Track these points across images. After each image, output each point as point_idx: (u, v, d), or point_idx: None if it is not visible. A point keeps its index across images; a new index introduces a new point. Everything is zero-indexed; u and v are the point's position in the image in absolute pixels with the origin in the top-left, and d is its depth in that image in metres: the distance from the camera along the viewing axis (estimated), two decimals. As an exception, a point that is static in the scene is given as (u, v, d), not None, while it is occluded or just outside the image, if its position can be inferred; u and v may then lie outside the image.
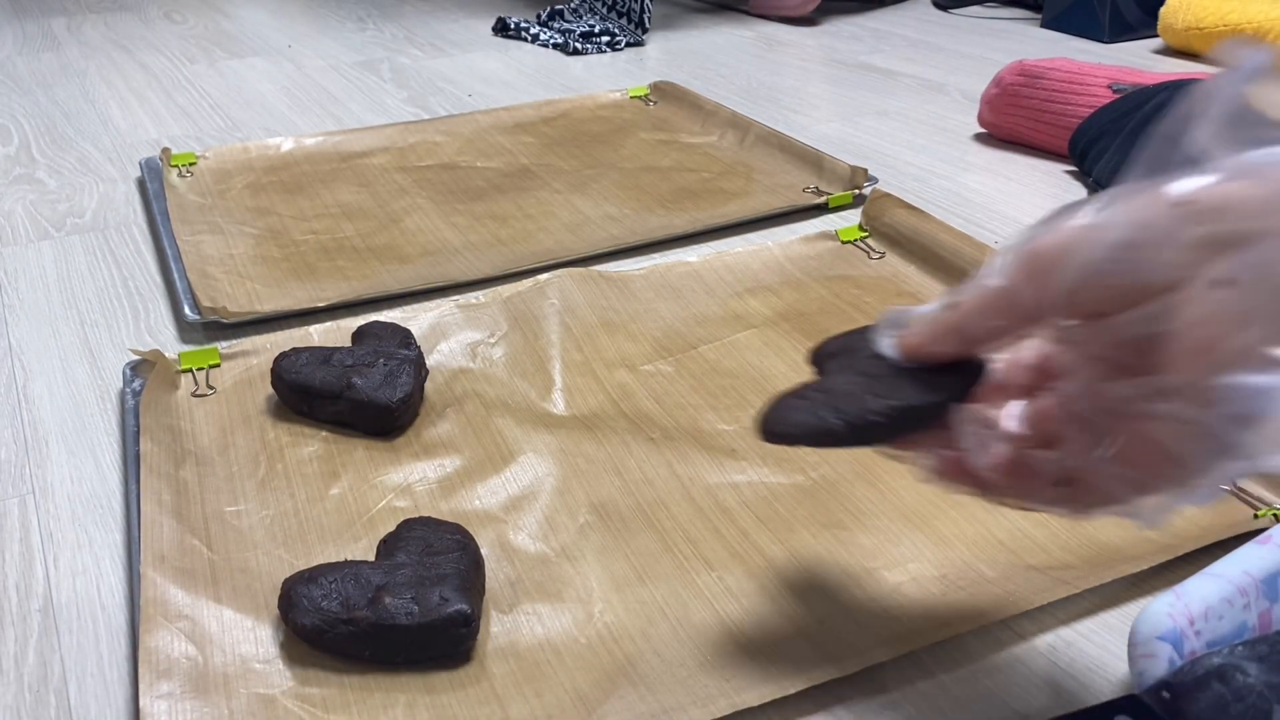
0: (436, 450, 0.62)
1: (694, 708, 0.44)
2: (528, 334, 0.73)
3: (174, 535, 0.54)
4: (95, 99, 1.31)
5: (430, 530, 0.52)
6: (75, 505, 0.60)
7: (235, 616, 0.50)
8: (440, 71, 1.40)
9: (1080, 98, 1.00)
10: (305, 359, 0.65)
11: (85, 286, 0.84)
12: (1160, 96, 0.92)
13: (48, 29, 1.66)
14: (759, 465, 0.60)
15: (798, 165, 1.01)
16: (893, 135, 1.12)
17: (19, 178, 1.06)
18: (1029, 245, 0.38)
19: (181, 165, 1.04)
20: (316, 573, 0.49)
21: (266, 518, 0.57)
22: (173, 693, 0.46)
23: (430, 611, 0.47)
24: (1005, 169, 1.03)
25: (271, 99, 1.30)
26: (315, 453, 0.62)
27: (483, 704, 0.46)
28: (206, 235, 0.90)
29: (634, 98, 1.22)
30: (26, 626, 0.52)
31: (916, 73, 1.34)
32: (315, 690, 0.47)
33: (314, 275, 0.83)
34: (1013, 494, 0.41)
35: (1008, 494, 0.41)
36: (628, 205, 0.95)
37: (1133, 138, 0.91)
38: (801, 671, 0.46)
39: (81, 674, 0.49)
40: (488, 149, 1.09)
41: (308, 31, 1.63)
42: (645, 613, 0.50)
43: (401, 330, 0.69)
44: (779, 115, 1.19)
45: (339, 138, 1.11)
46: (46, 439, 0.65)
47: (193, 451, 0.62)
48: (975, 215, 0.93)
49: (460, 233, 0.90)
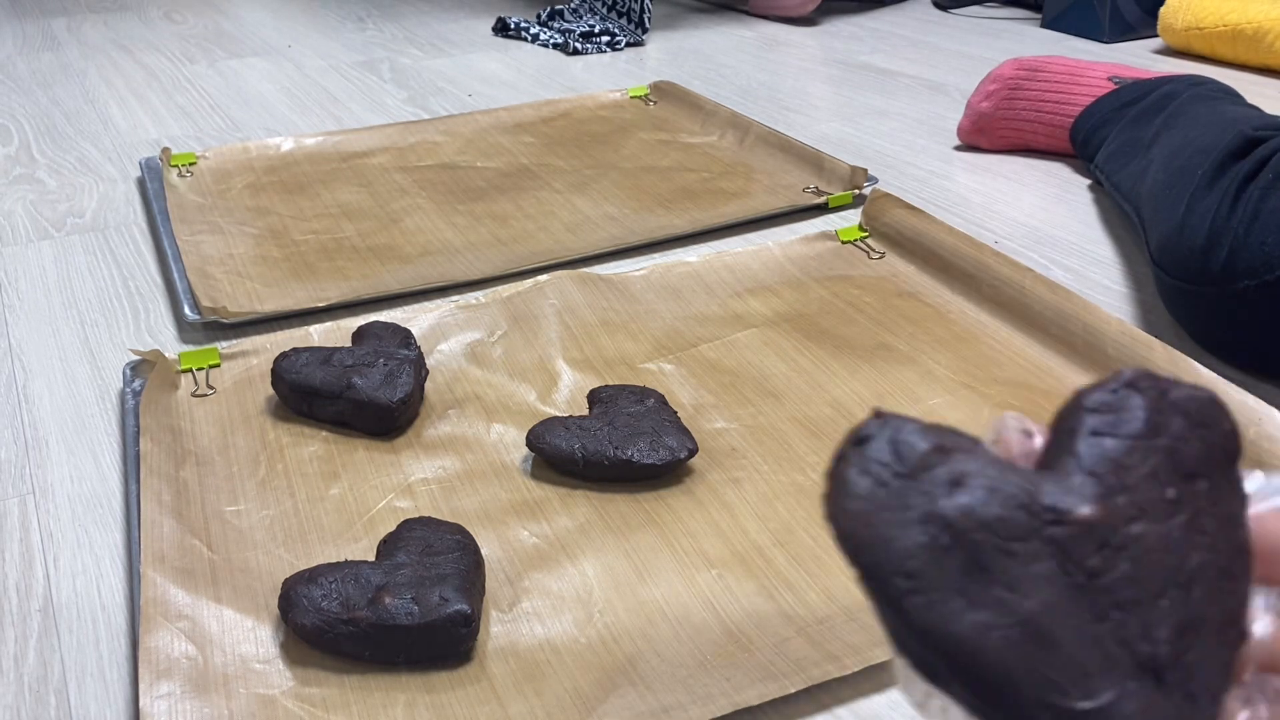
0: (436, 450, 0.62)
1: (694, 706, 0.44)
2: (528, 334, 0.73)
3: (174, 535, 0.54)
4: (95, 99, 1.31)
5: (430, 530, 0.52)
6: (75, 505, 0.60)
7: (235, 616, 0.50)
8: (440, 71, 1.40)
9: (1079, 88, 1.00)
10: (305, 359, 0.65)
11: (85, 286, 0.84)
12: (1163, 88, 0.92)
13: (48, 29, 1.66)
14: (759, 464, 0.60)
15: (798, 165, 1.01)
16: (893, 135, 1.12)
17: (19, 178, 1.06)
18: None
19: (181, 165, 1.04)
20: (316, 573, 0.49)
21: (267, 518, 0.57)
22: (173, 693, 0.46)
23: (430, 611, 0.47)
24: (1006, 169, 1.03)
25: (271, 99, 1.30)
26: (315, 453, 0.62)
27: (483, 703, 0.46)
28: (206, 235, 0.90)
29: (634, 98, 1.22)
30: (26, 626, 0.52)
31: (916, 73, 1.34)
32: (315, 690, 0.47)
33: (314, 275, 0.83)
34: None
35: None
36: (628, 205, 0.95)
37: (1132, 127, 0.91)
38: (801, 670, 0.46)
39: (81, 674, 0.49)
40: (488, 149, 1.09)
41: (308, 31, 1.63)
42: (645, 612, 0.50)
43: (401, 330, 0.69)
44: (779, 115, 1.19)
45: (339, 138, 1.11)
46: (46, 439, 0.66)
47: (193, 451, 0.62)
48: (975, 215, 0.93)
49: (460, 233, 0.90)
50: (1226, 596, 0.23)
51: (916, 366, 0.69)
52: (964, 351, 0.71)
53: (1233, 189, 0.66)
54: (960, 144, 1.08)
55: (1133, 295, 0.79)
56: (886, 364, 0.69)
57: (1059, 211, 0.93)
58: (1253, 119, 0.77)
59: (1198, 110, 0.84)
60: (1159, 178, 0.77)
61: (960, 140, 1.07)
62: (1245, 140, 0.69)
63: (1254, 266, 0.63)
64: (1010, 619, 0.21)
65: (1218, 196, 0.67)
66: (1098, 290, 0.79)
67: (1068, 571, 0.22)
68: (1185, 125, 0.82)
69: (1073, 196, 0.96)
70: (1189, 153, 0.75)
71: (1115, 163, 0.90)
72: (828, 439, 0.62)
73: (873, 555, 0.22)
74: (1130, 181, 0.85)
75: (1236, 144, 0.70)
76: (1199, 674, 0.22)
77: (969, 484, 0.22)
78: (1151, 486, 0.23)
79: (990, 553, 0.22)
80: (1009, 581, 0.22)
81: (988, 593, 0.21)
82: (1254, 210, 0.64)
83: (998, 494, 0.22)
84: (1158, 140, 0.84)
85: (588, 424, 0.59)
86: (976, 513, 0.22)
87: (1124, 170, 0.87)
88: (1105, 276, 0.82)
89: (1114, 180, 0.89)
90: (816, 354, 0.71)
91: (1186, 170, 0.72)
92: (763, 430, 0.63)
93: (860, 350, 0.71)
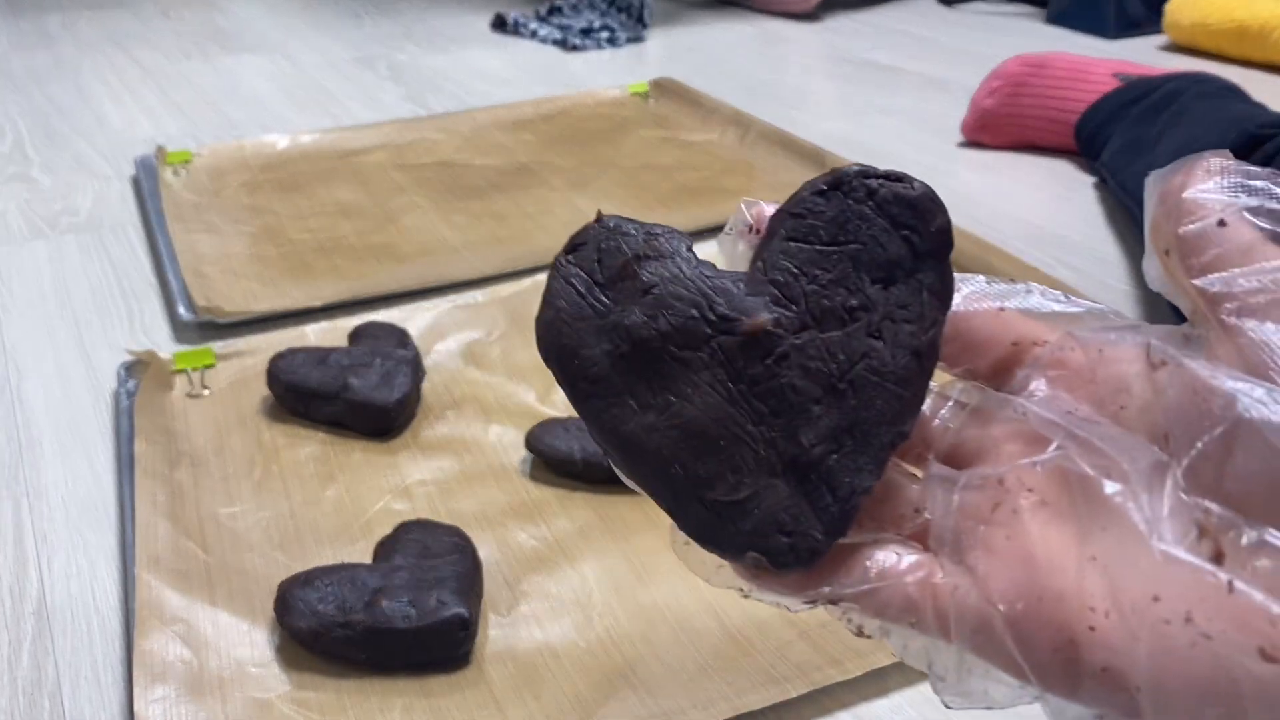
0: (434, 451, 0.62)
1: (695, 711, 0.44)
2: (527, 333, 0.73)
3: (169, 537, 0.54)
4: (90, 96, 1.30)
5: (428, 533, 0.51)
6: (69, 507, 0.59)
7: (231, 620, 0.50)
8: (438, 68, 1.39)
9: (1084, 85, 0.99)
10: (301, 359, 0.64)
11: (79, 286, 0.83)
12: (1168, 86, 0.91)
13: (41, 26, 1.65)
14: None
15: (799, 163, 1.00)
16: (896, 132, 1.12)
17: (12, 176, 1.05)
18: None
19: (177, 163, 1.03)
20: (313, 575, 0.48)
21: (262, 520, 0.56)
22: (167, 696, 0.45)
23: (427, 615, 0.46)
24: (1010, 167, 1.02)
25: (267, 96, 1.29)
26: (312, 454, 0.61)
27: (481, 707, 0.45)
28: (202, 234, 0.89)
29: (634, 94, 1.21)
30: (20, 630, 0.51)
31: (919, 69, 1.34)
32: (311, 694, 0.46)
33: (310, 274, 0.82)
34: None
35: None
36: (628, 203, 0.94)
37: (1137, 124, 0.90)
38: (803, 674, 0.46)
39: (76, 678, 0.49)
40: (486, 146, 1.08)
41: (304, 28, 1.62)
42: (645, 615, 0.50)
43: (398, 330, 0.68)
44: (780, 112, 1.18)
45: (335, 135, 1.10)
46: (40, 440, 0.65)
47: (188, 453, 0.61)
48: (976, 214, 0.92)
49: (458, 231, 0.89)
50: (892, 400, 0.24)
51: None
52: (967, 350, 0.70)
53: None
54: (964, 141, 1.08)
55: (1138, 294, 0.78)
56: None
57: (1063, 210, 0.93)
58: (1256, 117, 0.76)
59: (1202, 108, 0.84)
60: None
61: (964, 137, 1.07)
62: (1249, 139, 0.69)
63: None
64: (672, 422, 0.24)
65: None
66: (1102, 289, 0.79)
67: (731, 379, 0.24)
68: (1189, 123, 0.82)
69: (1077, 195, 0.96)
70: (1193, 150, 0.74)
71: (1120, 161, 0.89)
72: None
73: (561, 362, 0.25)
74: (1135, 180, 0.85)
75: (1240, 142, 0.69)
76: (842, 473, 0.24)
77: (657, 293, 0.24)
78: (832, 293, 0.24)
79: (665, 361, 0.24)
80: (677, 388, 0.24)
81: (658, 398, 0.24)
82: None
83: (680, 302, 0.24)
84: (1162, 138, 0.84)
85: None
86: (655, 323, 0.24)
87: (1128, 169, 0.87)
88: (1110, 275, 0.81)
89: (1119, 179, 0.88)
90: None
91: None
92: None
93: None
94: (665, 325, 0.24)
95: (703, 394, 0.24)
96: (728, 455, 0.24)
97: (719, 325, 0.24)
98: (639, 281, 0.24)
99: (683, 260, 0.24)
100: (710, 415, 0.24)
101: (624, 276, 0.24)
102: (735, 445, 0.24)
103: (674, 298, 0.24)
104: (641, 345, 0.24)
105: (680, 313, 0.24)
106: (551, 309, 0.25)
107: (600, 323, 0.24)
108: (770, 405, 0.24)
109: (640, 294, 0.24)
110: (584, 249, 0.25)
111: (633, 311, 0.24)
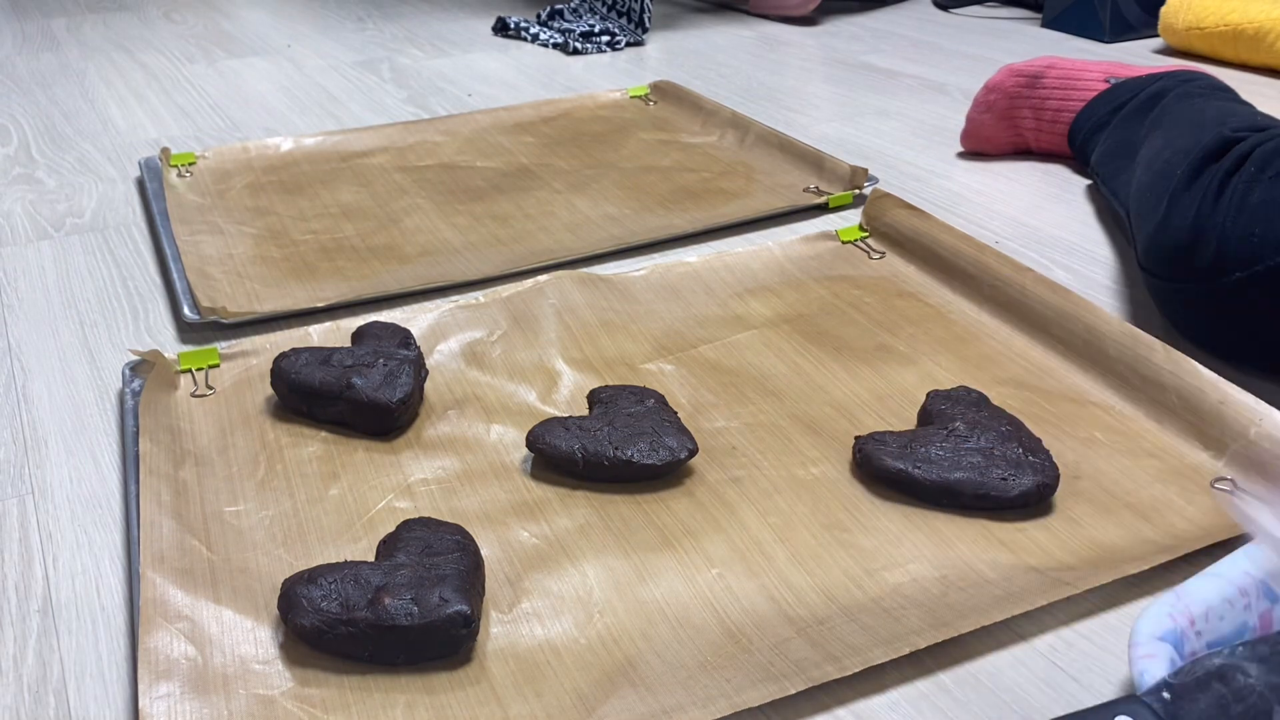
0: (436, 450, 0.62)
1: (694, 708, 0.44)
2: (528, 334, 0.73)
3: (173, 536, 0.54)
4: (95, 99, 1.31)
5: (430, 531, 0.52)
6: (75, 506, 0.60)
7: (235, 617, 0.50)
8: (440, 71, 1.40)
9: (1077, 92, 1.00)
10: (305, 359, 0.65)
11: (84, 287, 0.84)
12: (1152, 87, 0.92)
13: (47, 29, 1.66)
14: (759, 462, 0.60)
15: (798, 165, 1.01)
16: (893, 135, 1.12)
17: (18, 178, 1.06)
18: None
19: (181, 165, 1.04)
20: (316, 573, 0.49)
21: (266, 518, 0.57)
22: (172, 694, 0.46)
23: (430, 612, 0.47)
24: (1006, 169, 1.03)
25: (271, 99, 1.30)
26: (315, 453, 0.62)
27: (482, 704, 0.46)
28: (206, 235, 0.90)
29: (634, 97, 1.22)
30: (26, 627, 0.52)
31: (917, 72, 1.34)
32: (315, 691, 0.46)
33: (313, 275, 0.83)
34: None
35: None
36: (628, 205, 0.95)
37: (1123, 128, 0.91)
38: (802, 671, 0.46)
39: (81, 675, 0.49)
40: (487, 149, 1.09)
41: (307, 31, 1.63)
42: (645, 612, 0.50)
43: (401, 330, 0.69)
44: (779, 115, 1.19)
45: (338, 138, 1.11)
46: (46, 439, 0.65)
47: (192, 452, 0.62)
48: (975, 215, 0.93)
49: (460, 233, 0.90)
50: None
51: (917, 367, 0.69)
52: (964, 352, 0.70)
53: (1214, 185, 0.67)
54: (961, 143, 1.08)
55: (1133, 295, 0.79)
56: (887, 364, 0.69)
57: (1059, 211, 0.93)
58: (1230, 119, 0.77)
59: (1181, 110, 0.84)
60: (1142, 180, 0.77)
61: (963, 148, 1.07)
62: (1223, 141, 0.70)
63: (1244, 258, 0.63)
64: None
65: (1198, 194, 0.67)
66: (1098, 290, 0.79)
67: None
68: (1168, 125, 0.82)
69: (1073, 196, 0.96)
70: (1169, 154, 0.75)
71: (1108, 165, 0.90)
72: (828, 437, 0.62)
73: None
74: (1122, 184, 0.85)
75: (1214, 144, 0.70)
76: None
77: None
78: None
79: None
80: None
81: None
82: (1239, 203, 0.64)
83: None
84: (1144, 142, 0.84)
85: (588, 424, 0.59)
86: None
87: (1116, 173, 0.87)
88: (1106, 276, 0.82)
89: (1110, 185, 0.89)
90: (817, 354, 0.71)
91: (1166, 172, 0.73)
92: (762, 429, 0.63)
93: (861, 351, 0.71)
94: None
95: None
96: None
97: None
98: None
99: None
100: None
101: None
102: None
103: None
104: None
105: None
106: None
107: None
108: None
109: None
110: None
111: None
